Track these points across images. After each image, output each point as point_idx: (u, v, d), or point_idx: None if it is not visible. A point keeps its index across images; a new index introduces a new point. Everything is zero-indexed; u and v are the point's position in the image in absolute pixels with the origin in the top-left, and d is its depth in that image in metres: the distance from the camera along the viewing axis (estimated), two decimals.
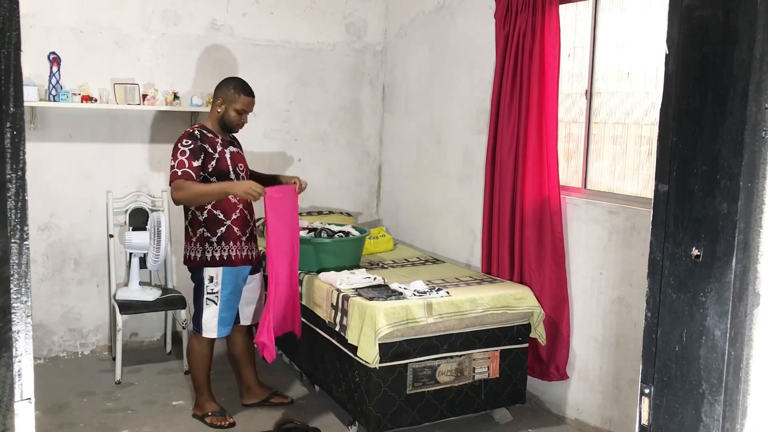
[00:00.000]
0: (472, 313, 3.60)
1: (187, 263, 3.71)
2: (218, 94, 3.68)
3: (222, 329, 3.71)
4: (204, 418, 3.78)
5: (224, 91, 3.66)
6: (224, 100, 3.65)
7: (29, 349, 1.02)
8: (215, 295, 3.64)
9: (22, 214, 0.99)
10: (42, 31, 4.35)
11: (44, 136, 4.45)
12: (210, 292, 3.64)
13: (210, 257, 3.62)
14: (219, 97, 3.67)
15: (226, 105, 3.65)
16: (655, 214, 1.20)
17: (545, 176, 3.81)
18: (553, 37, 3.73)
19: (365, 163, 5.55)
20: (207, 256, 3.62)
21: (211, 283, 3.63)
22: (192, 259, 3.66)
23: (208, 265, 3.62)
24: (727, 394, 1.09)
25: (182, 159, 3.50)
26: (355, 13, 5.35)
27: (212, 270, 3.63)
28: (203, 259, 3.62)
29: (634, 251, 3.47)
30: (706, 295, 1.11)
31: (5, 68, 0.96)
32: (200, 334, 3.71)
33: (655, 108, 3.52)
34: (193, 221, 3.64)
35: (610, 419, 3.66)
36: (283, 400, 4.05)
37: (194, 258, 3.64)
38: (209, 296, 3.64)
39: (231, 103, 3.64)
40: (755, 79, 1.04)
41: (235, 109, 3.64)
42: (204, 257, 3.62)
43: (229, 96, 3.64)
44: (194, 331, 3.77)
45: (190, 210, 3.64)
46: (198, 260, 3.63)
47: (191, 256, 3.66)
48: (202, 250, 3.62)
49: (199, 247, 3.62)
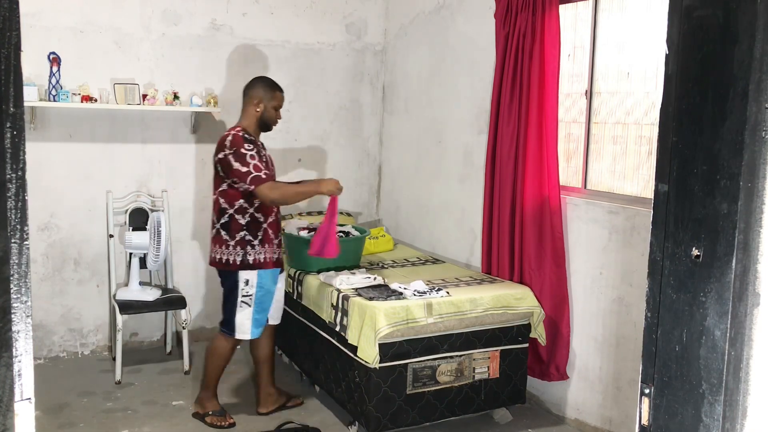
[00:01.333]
0: (472, 313, 3.60)
1: (219, 266, 3.66)
2: (253, 95, 3.71)
3: (255, 330, 3.70)
4: (204, 417, 3.78)
5: (259, 91, 3.70)
6: (261, 99, 3.69)
7: (29, 349, 1.02)
8: (249, 297, 3.63)
9: (22, 214, 0.99)
10: (42, 31, 4.35)
11: (44, 136, 4.45)
12: (245, 294, 3.62)
13: (250, 260, 3.60)
14: (254, 97, 3.70)
15: (264, 104, 3.70)
16: (655, 214, 1.20)
17: (545, 176, 3.81)
18: (553, 37, 3.73)
19: (365, 163, 5.55)
20: (248, 259, 3.60)
21: (247, 285, 3.62)
22: (226, 262, 3.61)
23: (245, 268, 3.61)
24: (727, 394, 1.09)
25: (256, 162, 3.53)
26: (355, 13, 5.35)
27: (248, 273, 3.62)
28: (243, 263, 3.60)
29: (634, 251, 3.47)
30: (706, 295, 1.11)
31: (5, 68, 0.96)
32: (231, 335, 3.69)
33: (655, 108, 3.52)
34: (231, 224, 3.60)
35: (610, 419, 3.66)
36: (296, 402, 4.02)
37: (231, 261, 3.60)
38: (244, 299, 3.63)
39: (269, 101, 3.71)
40: (755, 79, 1.04)
41: (273, 106, 3.73)
42: (244, 260, 3.59)
43: (266, 95, 3.70)
44: (223, 332, 3.75)
45: (227, 213, 3.60)
46: (235, 264, 3.60)
47: (226, 259, 3.61)
48: (242, 254, 3.59)
49: (240, 250, 3.59)
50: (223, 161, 3.55)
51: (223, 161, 3.55)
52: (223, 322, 3.75)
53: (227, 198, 3.60)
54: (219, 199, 3.63)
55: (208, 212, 4.95)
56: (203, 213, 4.97)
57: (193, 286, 4.98)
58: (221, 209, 3.63)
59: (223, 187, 3.61)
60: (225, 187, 3.60)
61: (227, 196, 3.60)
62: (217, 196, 3.64)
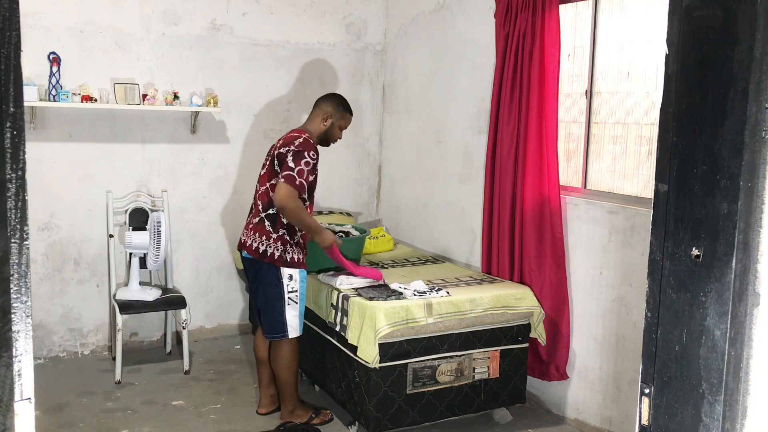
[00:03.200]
0: (472, 313, 3.60)
1: (257, 256, 3.57)
2: (326, 109, 3.72)
3: (301, 327, 3.68)
4: (309, 422, 3.72)
5: (334, 108, 3.73)
6: (332, 115, 3.72)
7: (29, 349, 1.02)
8: (295, 294, 3.61)
9: (22, 214, 0.99)
10: (42, 31, 4.35)
11: (44, 136, 4.45)
12: (291, 291, 3.59)
13: (289, 258, 3.58)
14: (326, 111, 3.72)
15: (333, 120, 3.72)
16: (655, 214, 1.20)
17: (545, 176, 3.81)
18: (553, 37, 3.73)
19: (365, 163, 5.55)
20: (287, 256, 3.57)
21: (291, 281, 3.59)
22: (263, 253, 3.56)
23: (287, 265, 3.58)
24: (727, 394, 1.09)
25: (305, 169, 3.47)
26: (355, 13, 5.35)
27: (290, 270, 3.59)
28: (283, 258, 3.56)
29: (634, 251, 3.47)
30: (706, 295, 1.11)
31: (5, 68, 0.96)
32: (286, 336, 3.62)
33: (655, 108, 3.51)
34: (276, 218, 3.56)
35: (610, 419, 3.66)
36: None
37: (269, 254, 3.56)
38: (290, 295, 3.59)
39: (338, 119, 3.75)
40: (755, 79, 1.04)
41: (340, 126, 3.78)
42: (283, 257, 3.57)
43: (338, 113, 3.74)
44: (277, 338, 3.63)
45: (274, 208, 3.55)
46: (276, 257, 3.56)
47: (264, 250, 3.56)
48: (282, 250, 3.56)
49: (280, 246, 3.56)
50: (283, 155, 3.51)
51: (283, 156, 3.51)
52: (272, 328, 3.63)
53: None
54: (269, 191, 3.58)
55: (209, 212, 4.98)
56: (203, 213, 4.97)
57: (193, 286, 4.98)
58: (270, 202, 3.57)
59: (275, 181, 3.55)
60: (276, 181, 3.55)
61: None
62: (267, 188, 3.60)
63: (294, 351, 3.68)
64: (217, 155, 4.97)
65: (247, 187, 5.08)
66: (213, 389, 4.22)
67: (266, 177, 3.64)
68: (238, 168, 5.05)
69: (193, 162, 4.91)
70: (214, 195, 5.00)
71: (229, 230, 5.07)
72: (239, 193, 5.06)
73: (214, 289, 5.08)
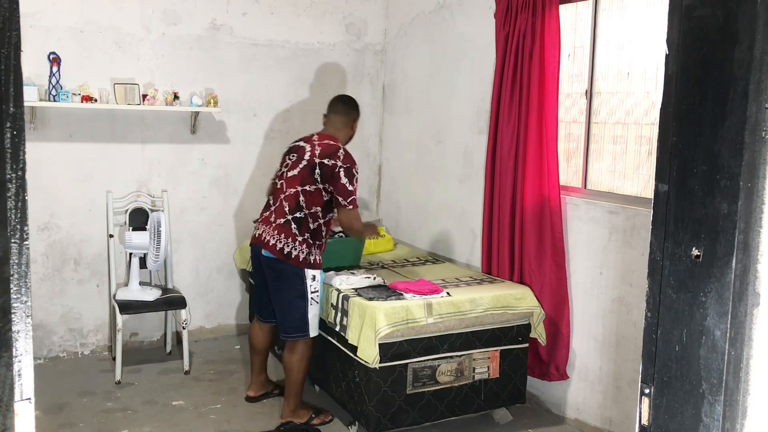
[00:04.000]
0: (472, 313, 3.60)
1: (281, 256, 3.59)
2: (353, 115, 3.92)
3: (318, 327, 3.73)
4: (310, 422, 3.75)
5: (357, 113, 3.95)
6: (356, 120, 3.95)
7: (29, 349, 1.02)
8: (317, 294, 3.66)
9: (22, 214, 0.99)
10: (42, 31, 4.35)
11: (44, 136, 4.45)
12: (313, 291, 3.64)
13: (312, 260, 3.63)
14: (355, 117, 3.93)
15: (355, 125, 3.95)
16: (655, 214, 1.20)
17: (545, 176, 3.81)
18: (553, 37, 3.73)
19: (365, 163, 5.55)
20: (311, 258, 3.62)
21: (314, 281, 3.64)
22: (288, 254, 3.59)
23: (311, 267, 3.63)
24: (727, 394, 1.09)
25: (356, 187, 3.68)
26: (355, 13, 5.35)
27: (314, 271, 3.65)
28: (307, 261, 3.61)
29: (634, 251, 3.47)
30: (706, 295, 1.11)
31: (5, 68, 0.96)
32: (307, 335, 3.66)
33: (655, 108, 3.51)
34: (303, 222, 3.61)
35: (610, 419, 3.66)
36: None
37: (295, 255, 3.60)
38: (313, 295, 3.64)
39: (357, 121, 3.98)
40: (755, 79, 1.04)
41: (356, 129, 3.99)
42: (308, 259, 3.61)
43: (358, 115, 3.98)
44: (298, 337, 3.66)
45: (302, 212, 3.61)
46: (301, 259, 3.60)
47: (288, 251, 3.60)
48: (306, 252, 3.61)
49: (305, 248, 3.61)
50: (331, 170, 3.59)
51: (330, 169, 3.59)
52: (296, 327, 3.65)
53: (309, 198, 3.61)
54: (300, 195, 3.62)
55: (208, 212, 4.98)
56: (203, 213, 4.97)
57: (193, 286, 4.98)
58: (298, 205, 3.62)
59: (311, 188, 3.61)
60: (312, 189, 3.61)
61: (310, 197, 3.61)
62: (298, 192, 3.62)
63: (310, 350, 3.73)
64: (217, 155, 4.97)
65: (247, 186, 5.08)
66: (213, 389, 4.22)
67: (298, 180, 3.65)
68: (238, 168, 5.05)
69: (193, 162, 4.91)
70: (214, 195, 5.00)
71: (229, 230, 5.07)
72: (239, 193, 5.06)
73: (214, 289, 5.08)
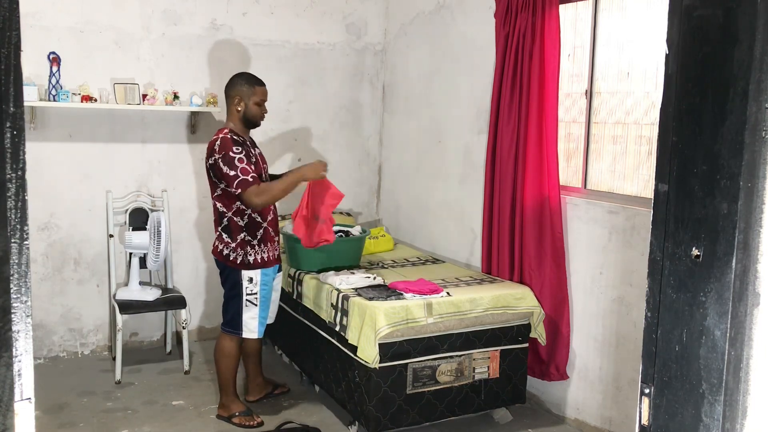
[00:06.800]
0: (472, 313, 3.60)
1: (220, 258, 3.65)
2: (232, 93, 3.67)
3: (261, 329, 3.73)
4: (231, 419, 3.77)
5: (238, 89, 3.66)
6: (241, 97, 3.65)
7: (29, 349, 1.02)
8: (255, 296, 3.65)
9: (22, 214, 0.99)
10: (42, 31, 4.35)
11: (44, 136, 4.45)
12: (249, 293, 3.64)
13: (251, 260, 3.61)
14: (234, 96, 3.66)
15: (245, 101, 3.65)
16: (655, 214, 1.20)
17: (545, 176, 3.81)
18: (553, 37, 3.73)
19: (365, 163, 5.55)
20: (248, 259, 3.61)
21: (251, 284, 3.63)
22: (226, 257, 3.62)
23: (247, 268, 3.62)
24: (727, 394, 1.09)
25: (244, 166, 3.48)
26: (355, 13, 5.35)
27: (251, 272, 3.63)
28: (244, 262, 3.61)
29: (634, 251, 3.47)
30: (706, 295, 1.11)
31: (5, 68, 0.96)
32: (239, 334, 3.70)
33: (655, 108, 3.51)
34: (230, 227, 3.61)
35: (610, 419, 3.66)
36: (283, 389, 4.15)
37: (232, 259, 3.61)
38: (249, 297, 3.64)
39: (249, 97, 3.65)
40: (755, 79, 1.04)
41: (254, 102, 3.66)
42: (245, 260, 3.61)
43: (244, 91, 3.65)
44: (227, 332, 3.74)
45: (225, 216, 3.61)
46: (238, 262, 3.61)
47: (229, 255, 3.62)
48: (243, 254, 3.61)
49: (240, 251, 3.60)
50: (215, 166, 3.53)
51: (214, 166, 3.53)
52: (226, 322, 3.75)
53: (223, 201, 3.60)
54: (216, 203, 3.64)
55: (208, 212, 4.96)
56: (203, 213, 4.97)
57: (193, 286, 4.98)
58: (220, 213, 3.63)
59: (218, 192, 3.60)
60: (219, 191, 3.60)
61: (223, 200, 3.60)
62: (214, 201, 3.64)
63: (235, 349, 3.77)
64: None
65: None
66: (213, 389, 4.22)
67: (211, 191, 3.67)
68: None
69: (193, 162, 4.91)
70: None
71: None
72: None
73: (214, 289, 5.07)
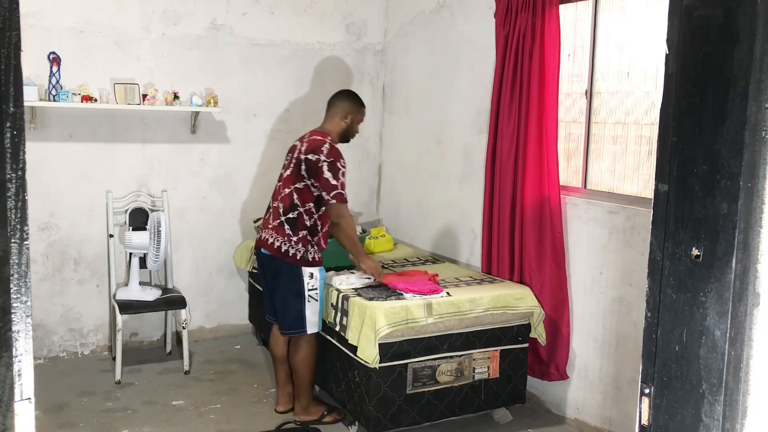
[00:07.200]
0: (472, 313, 3.60)
1: (279, 254, 3.63)
2: (344, 107, 3.83)
3: (321, 324, 3.73)
4: (322, 420, 3.76)
5: (350, 105, 3.84)
6: (350, 112, 3.83)
7: (29, 349, 1.02)
8: (315, 291, 3.66)
9: (22, 214, 0.99)
10: (42, 31, 4.35)
11: (44, 136, 4.45)
12: (311, 288, 3.65)
13: (310, 258, 3.64)
14: (345, 109, 3.83)
15: (351, 117, 3.84)
16: (655, 214, 1.20)
17: (545, 176, 3.81)
18: (553, 37, 3.73)
19: (365, 163, 5.55)
20: (308, 256, 3.64)
21: (312, 279, 3.64)
22: (286, 253, 3.63)
23: (308, 264, 3.64)
24: (727, 394, 1.09)
25: (344, 180, 3.64)
26: (355, 13, 5.35)
27: (311, 269, 3.65)
28: (305, 258, 3.63)
29: (634, 251, 3.47)
30: (706, 295, 1.11)
31: (5, 68, 0.96)
32: (305, 333, 3.67)
33: (655, 108, 3.51)
34: (297, 221, 3.63)
35: (610, 419, 3.66)
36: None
37: (292, 254, 3.62)
38: (311, 293, 3.65)
39: (356, 115, 3.87)
40: (755, 79, 1.04)
41: (358, 121, 3.89)
42: (305, 257, 3.63)
43: (355, 109, 3.86)
44: (295, 333, 3.69)
45: (297, 210, 3.63)
46: (298, 258, 3.62)
47: (286, 250, 3.63)
48: (304, 251, 3.63)
49: (301, 247, 3.63)
50: (315, 165, 3.59)
51: (315, 165, 3.59)
52: (289, 324, 3.69)
53: (303, 196, 3.63)
54: (293, 194, 3.65)
55: (208, 212, 4.98)
56: (203, 213, 4.97)
57: (193, 286, 4.98)
58: (292, 204, 3.65)
59: (300, 186, 3.64)
60: (302, 186, 3.63)
61: (303, 195, 3.63)
62: (292, 191, 3.66)
63: (313, 347, 3.74)
64: (217, 155, 4.97)
65: (247, 187, 5.08)
66: (213, 389, 4.22)
67: (291, 179, 3.68)
68: (238, 168, 5.05)
69: (193, 162, 4.91)
70: (214, 195, 5.00)
71: (229, 230, 5.06)
72: (239, 193, 5.06)
73: (214, 289, 5.08)
